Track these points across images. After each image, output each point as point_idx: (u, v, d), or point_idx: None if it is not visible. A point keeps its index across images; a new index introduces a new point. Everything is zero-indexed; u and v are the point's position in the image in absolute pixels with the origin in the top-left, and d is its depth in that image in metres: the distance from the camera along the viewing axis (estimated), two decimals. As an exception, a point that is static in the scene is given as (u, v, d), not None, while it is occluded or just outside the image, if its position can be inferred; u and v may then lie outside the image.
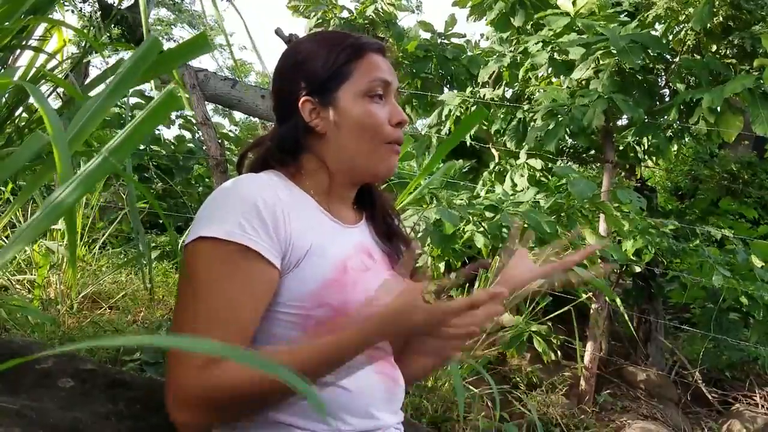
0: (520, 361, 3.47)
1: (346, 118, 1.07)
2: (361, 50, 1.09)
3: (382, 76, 1.09)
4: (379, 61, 1.10)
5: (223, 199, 0.99)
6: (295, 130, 1.09)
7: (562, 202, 3.23)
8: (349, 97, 1.07)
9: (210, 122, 3.24)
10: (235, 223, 0.94)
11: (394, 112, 1.10)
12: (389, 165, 1.11)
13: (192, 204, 4.61)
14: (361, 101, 1.07)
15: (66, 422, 1.10)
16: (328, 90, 1.07)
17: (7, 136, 1.46)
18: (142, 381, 1.39)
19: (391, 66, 1.13)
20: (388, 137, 1.09)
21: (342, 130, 1.07)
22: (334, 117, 1.07)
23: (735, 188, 5.23)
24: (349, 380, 1.02)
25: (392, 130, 1.09)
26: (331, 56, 1.08)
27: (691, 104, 3.36)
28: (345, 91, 1.07)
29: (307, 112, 1.08)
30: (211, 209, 0.98)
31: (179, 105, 1.17)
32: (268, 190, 1.00)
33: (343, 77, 1.07)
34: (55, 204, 0.57)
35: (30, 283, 2.61)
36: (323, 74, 1.07)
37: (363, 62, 1.09)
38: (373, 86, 1.08)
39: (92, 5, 5.82)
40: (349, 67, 1.08)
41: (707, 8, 3.19)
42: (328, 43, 1.10)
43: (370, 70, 1.08)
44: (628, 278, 4.17)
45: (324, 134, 1.08)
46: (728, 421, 3.41)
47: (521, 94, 4.39)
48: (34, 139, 0.72)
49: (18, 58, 1.49)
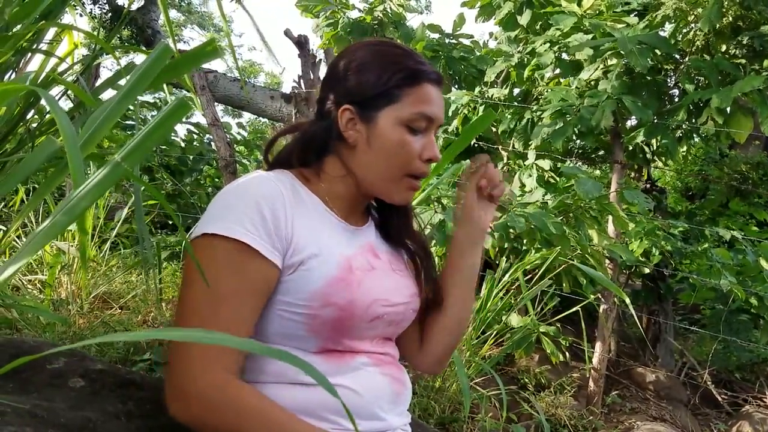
0: (529, 362, 3.47)
1: (380, 140, 1.05)
2: (417, 78, 1.06)
3: (428, 112, 1.06)
4: (432, 94, 1.07)
5: (228, 198, 1.00)
6: (327, 133, 1.08)
7: (570, 203, 3.22)
8: (390, 121, 1.05)
9: (219, 123, 3.26)
10: (237, 220, 0.95)
11: (428, 146, 1.08)
12: (403, 198, 1.11)
13: (201, 204, 4.63)
14: (400, 129, 1.05)
15: (77, 422, 1.11)
16: (372, 107, 1.05)
17: (19, 139, 1.47)
18: (152, 381, 1.40)
19: (442, 99, 1.11)
20: (413, 170, 1.08)
21: (372, 150, 1.06)
22: (368, 134, 1.06)
23: (745, 189, 5.21)
24: (355, 382, 1.03)
25: (420, 164, 1.08)
26: (385, 74, 1.05)
27: (700, 105, 3.35)
28: (388, 113, 1.05)
29: (344, 120, 1.06)
30: (216, 207, 0.99)
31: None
32: (272, 188, 1.00)
33: (390, 99, 1.05)
34: (67, 209, 0.58)
35: (41, 284, 2.63)
36: (371, 91, 1.05)
37: (415, 90, 1.06)
38: (416, 118, 1.05)
39: (102, 8, 5.86)
40: (400, 91, 1.05)
41: (716, 8, 3.18)
42: (387, 58, 1.07)
43: (419, 101, 1.06)
44: (637, 279, 4.16)
45: (354, 147, 1.07)
46: (738, 422, 3.40)
47: (528, 94, 4.39)
48: (47, 144, 0.73)
49: (29, 62, 1.51)
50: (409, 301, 1.13)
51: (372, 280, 1.06)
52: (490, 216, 1.24)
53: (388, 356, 1.12)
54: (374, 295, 1.04)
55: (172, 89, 2.00)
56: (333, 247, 1.04)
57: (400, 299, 1.11)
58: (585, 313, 3.30)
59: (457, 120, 4.14)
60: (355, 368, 1.04)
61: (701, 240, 4.13)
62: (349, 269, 1.03)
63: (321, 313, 0.99)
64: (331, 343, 1.03)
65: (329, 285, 1.00)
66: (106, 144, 3.41)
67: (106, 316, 2.51)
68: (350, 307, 1.01)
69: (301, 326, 1.00)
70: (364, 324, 1.05)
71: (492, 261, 3.22)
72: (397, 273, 1.14)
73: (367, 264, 1.07)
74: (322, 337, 1.01)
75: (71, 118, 1.31)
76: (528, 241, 3.01)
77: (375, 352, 1.09)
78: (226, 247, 0.95)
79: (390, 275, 1.11)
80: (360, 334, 1.06)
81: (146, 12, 5.79)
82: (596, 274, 2.56)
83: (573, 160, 4.41)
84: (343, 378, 1.02)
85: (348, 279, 1.02)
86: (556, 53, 3.64)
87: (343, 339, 1.03)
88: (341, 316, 1.00)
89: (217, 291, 0.94)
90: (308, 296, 0.99)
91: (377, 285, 1.06)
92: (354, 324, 1.03)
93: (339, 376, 1.02)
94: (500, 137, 4.25)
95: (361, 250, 1.09)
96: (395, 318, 1.11)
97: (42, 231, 0.58)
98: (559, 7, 3.88)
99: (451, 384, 2.52)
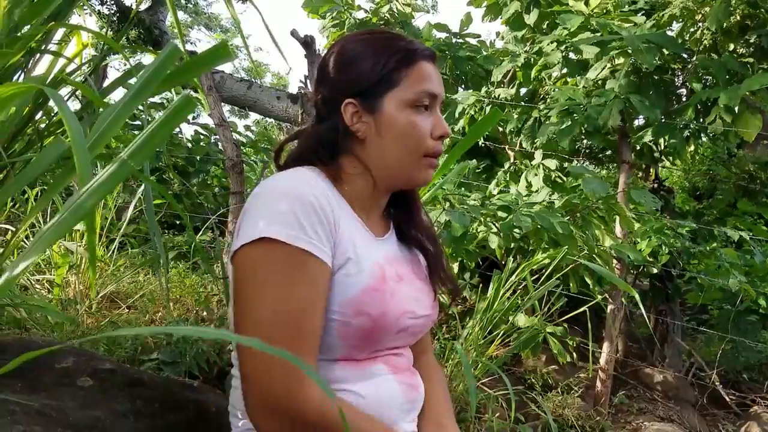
0: (536, 362, 3.46)
1: (388, 127, 1.04)
2: (412, 57, 1.05)
3: (430, 89, 1.05)
4: (429, 71, 1.07)
5: (278, 198, 0.95)
6: (335, 132, 1.06)
7: (577, 203, 3.21)
8: (394, 106, 1.04)
9: (226, 123, 3.26)
10: (297, 224, 0.92)
11: (437, 124, 1.07)
12: (426, 177, 1.09)
13: (208, 205, 4.64)
14: (405, 111, 1.04)
15: (85, 420, 1.12)
16: (374, 95, 1.04)
17: (28, 139, 1.48)
18: (160, 380, 1.41)
19: (440, 75, 1.10)
20: (428, 150, 1.06)
21: (383, 138, 1.05)
22: (376, 124, 1.04)
23: (753, 189, 5.18)
24: (370, 389, 1.02)
25: (433, 143, 1.07)
26: (381, 61, 1.04)
27: (708, 104, 3.33)
28: (391, 98, 1.04)
29: (349, 115, 1.05)
30: (267, 208, 0.94)
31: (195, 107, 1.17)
32: (319, 190, 0.98)
33: (390, 84, 1.04)
34: (75, 207, 0.58)
35: (49, 283, 2.64)
36: (370, 79, 1.04)
37: (413, 70, 1.05)
38: (420, 97, 1.04)
39: (110, 8, 5.88)
40: (398, 74, 1.04)
41: (723, 7, 3.16)
42: (378, 45, 1.06)
43: (419, 79, 1.05)
44: (644, 279, 4.15)
45: (364, 140, 1.06)
46: (746, 423, 3.38)
47: (535, 94, 4.38)
48: (55, 144, 0.74)
49: (38, 63, 1.51)
50: (430, 314, 1.13)
51: (401, 292, 1.04)
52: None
53: (404, 362, 1.11)
54: (404, 308, 1.04)
55: (180, 88, 2.00)
56: (367, 254, 1.02)
57: (424, 311, 1.10)
58: (592, 313, 3.29)
59: (464, 120, 4.14)
60: (372, 376, 1.03)
61: (709, 240, 4.11)
62: (383, 279, 1.02)
63: (353, 321, 0.98)
64: (357, 351, 1.02)
65: (365, 294, 0.98)
66: (114, 145, 3.42)
67: (113, 315, 2.52)
68: (382, 318, 1.00)
69: (332, 332, 0.98)
70: (391, 335, 1.04)
71: (499, 261, 3.21)
72: (419, 282, 1.13)
73: (395, 275, 1.06)
74: (349, 345, 1.00)
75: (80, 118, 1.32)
76: (535, 241, 3.01)
77: (392, 358, 1.08)
78: (289, 253, 0.92)
79: (414, 284, 1.11)
80: (384, 344, 1.05)
81: (154, 13, 5.81)
82: (605, 272, 2.55)
83: (580, 159, 4.40)
84: (359, 385, 1.01)
85: (382, 289, 1.01)
86: (563, 53, 3.63)
87: (367, 348, 1.02)
88: (372, 326, 0.99)
89: (284, 301, 0.91)
90: (343, 303, 0.97)
91: (405, 296, 1.05)
92: (382, 335, 1.02)
93: (355, 383, 1.01)
94: (507, 137, 4.25)
95: (387, 261, 1.07)
96: (417, 330, 1.11)
97: (50, 229, 0.58)
98: (566, 7, 3.87)
99: (457, 384, 2.51)
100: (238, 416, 1.06)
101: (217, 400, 1.39)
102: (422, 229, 1.20)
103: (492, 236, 2.93)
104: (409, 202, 1.19)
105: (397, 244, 1.16)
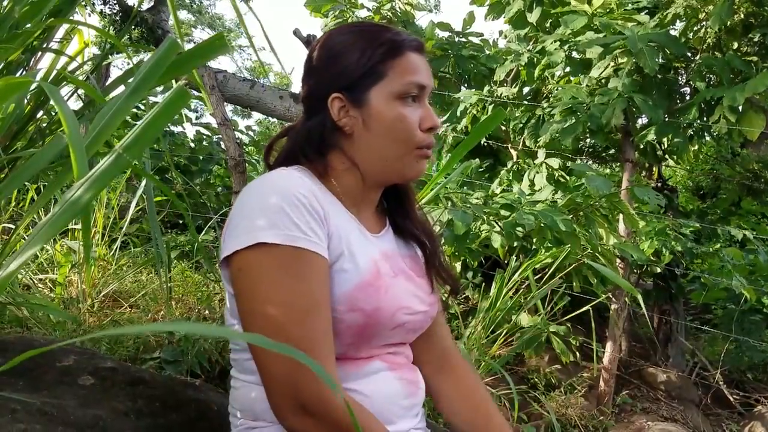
0: (539, 361, 3.45)
1: (376, 121, 1.02)
2: (398, 49, 1.03)
3: (418, 80, 1.03)
4: (416, 62, 1.04)
5: (267, 200, 0.94)
6: (322, 128, 1.04)
7: (580, 201, 3.21)
8: (382, 98, 1.02)
9: (229, 123, 3.26)
10: (291, 225, 0.91)
11: (426, 116, 1.05)
12: (418, 170, 1.07)
13: (211, 204, 4.64)
14: (393, 103, 1.02)
15: (86, 419, 1.11)
16: (360, 89, 1.02)
17: (30, 137, 1.48)
18: (162, 379, 1.40)
19: (428, 66, 1.07)
20: (418, 142, 1.04)
21: (371, 132, 1.02)
22: (364, 117, 1.02)
23: (757, 188, 5.16)
24: (369, 387, 1.02)
25: (423, 135, 1.04)
26: (366, 53, 1.01)
27: (712, 103, 3.32)
28: (378, 91, 1.02)
29: (336, 110, 1.02)
30: (258, 211, 0.93)
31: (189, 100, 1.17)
32: (305, 188, 0.96)
33: (377, 76, 1.02)
34: (71, 201, 0.58)
35: (52, 282, 2.64)
36: (356, 72, 1.01)
37: (400, 62, 1.02)
38: (408, 89, 1.02)
39: (112, 8, 5.88)
40: (384, 66, 1.02)
41: (727, 6, 3.15)
42: (364, 37, 1.03)
43: (406, 71, 1.02)
44: (648, 279, 4.13)
45: (351, 134, 1.03)
46: (750, 423, 3.37)
47: (538, 93, 4.37)
48: (55, 141, 0.73)
49: (39, 60, 1.51)
50: (428, 310, 1.11)
51: (397, 287, 1.03)
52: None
53: (403, 359, 1.11)
54: (399, 303, 1.02)
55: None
56: (360, 249, 1.02)
57: (421, 307, 1.09)
58: (595, 312, 3.28)
59: (467, 119, 4.13)
60: (370, 373, 1.02)
61: (713, 239, 4.10)
62: (377, 274, 1.01)
63: (346, 317, 0.97)
64: (353, 350, 1.01)
65: (359, 289, 0.97)
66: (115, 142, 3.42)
67: (116, 314, 2.52)
68: (376, 314, 0.99)
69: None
70: (387, 332, 1.03)
71: (501, 260, 3.20)
72: (416, 278, 1.12)
73: (390, 271, 1.05)
74: (343, 343, 0.99)
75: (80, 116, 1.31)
76: (537, 239, 3.00)
77: (391, 355, 1.07)
78: (289, 255, 0.91)
79: (411, 281, 1.09)
80: (380, 341, 1.04)
81: (156, 12, 5.80)
82: (608, 272, 2.54)
83: (583, 158, 4.39)
84: (358, 383, 1.00)
85: (376, 284, 1.00)
86: (566, 52, 3.62)
87: (362, 345, 1.02)
88: (366, 322, 0.98)
89: (301, 305, 0.90)
90: (337, 299, 0.96)
91: (401, 292, 1.04)
92: (377, 331, 1.01)
93: (353, 381, 1.00)
94: (510, 136, 4.24)
95: (383, 255, 1.06)
96: (415, 326, 1.09)
97: (46, 224, 0.58)
98: (569, 6, 3.86)
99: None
100: (237, 416, 1.05)
101: (218, 400, 1.39)
102: (417, 223, 1.18)
103: (495, 235, 2.92)
104: (403, 196, 1.18)
105: (395, 240, 1.15)
